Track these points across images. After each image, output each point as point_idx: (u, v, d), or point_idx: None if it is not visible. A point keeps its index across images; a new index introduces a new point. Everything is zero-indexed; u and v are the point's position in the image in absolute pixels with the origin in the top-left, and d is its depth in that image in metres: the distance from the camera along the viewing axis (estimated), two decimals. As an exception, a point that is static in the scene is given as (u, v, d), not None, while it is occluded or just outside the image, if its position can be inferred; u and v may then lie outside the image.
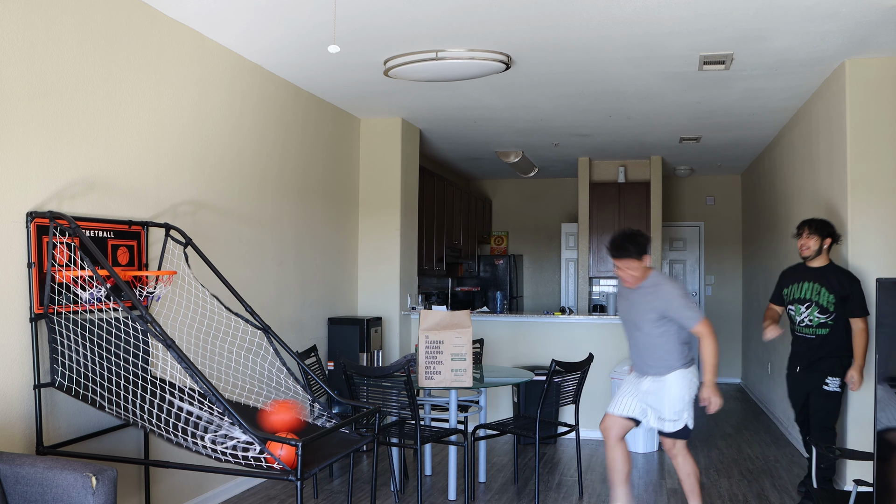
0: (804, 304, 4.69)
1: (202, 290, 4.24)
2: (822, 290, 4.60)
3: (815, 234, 4.66)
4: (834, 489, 4.72)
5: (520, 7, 4.03)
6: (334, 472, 5.38)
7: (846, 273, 4.64)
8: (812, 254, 4.68)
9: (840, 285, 4.56)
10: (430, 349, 4.61)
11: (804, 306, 4.68)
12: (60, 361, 3.30)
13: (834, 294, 4.56)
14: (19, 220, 3.26)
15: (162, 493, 4.16)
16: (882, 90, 4.88)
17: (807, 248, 4.68)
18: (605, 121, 6.92)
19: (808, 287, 4.67)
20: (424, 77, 5.15)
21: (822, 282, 4.62)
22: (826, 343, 4.60)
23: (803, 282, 4.71)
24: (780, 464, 5.78)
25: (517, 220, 11.14)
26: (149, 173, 4.07)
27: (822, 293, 4.60)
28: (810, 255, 4.68)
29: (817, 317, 4.63)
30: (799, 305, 4.72)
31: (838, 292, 4.56)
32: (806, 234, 4.69)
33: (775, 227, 7.48)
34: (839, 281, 4.58)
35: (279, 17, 4.24)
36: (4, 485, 2.71)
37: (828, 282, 4.60)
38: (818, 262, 4.70)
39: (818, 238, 4.66)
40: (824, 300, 4.58)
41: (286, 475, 2.91)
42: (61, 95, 3.47)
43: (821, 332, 4.62)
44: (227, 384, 4.55)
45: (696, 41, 4.57)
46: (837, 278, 4.59)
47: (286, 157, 5.57)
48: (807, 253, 4.69)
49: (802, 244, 4.71)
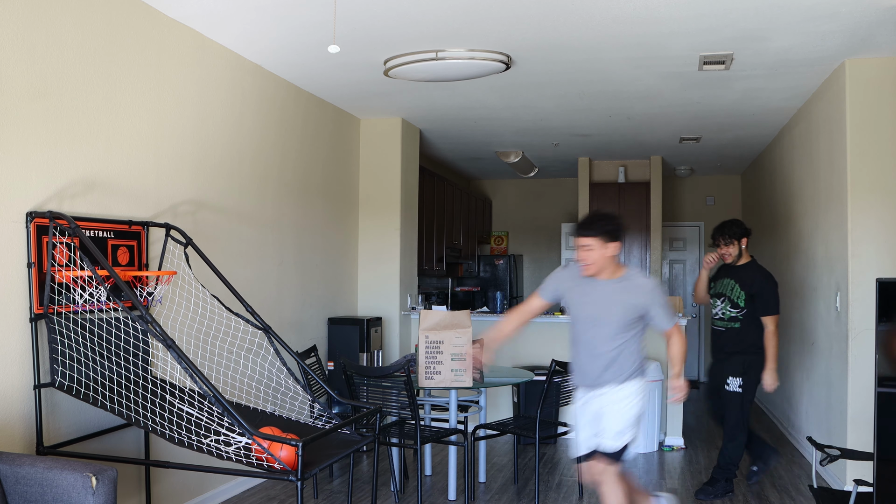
0: (720, 298, 4.90)
1: (202, 290, 4.24)
2: (735, 287, 4.81)
3: (732, 241, 4.86)
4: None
5: (520, 7, 4.03)
6: (334, 473, 5.38)
7: (762, 272, 4.82)
8: (735, 259, 4.89)
9: (752, 283, 4.75)
10: (430, 349, 4.61)
11: (720, 300, 4.90)
12: (60, 361, 3.30)
13: (745, 290, 4.75)
14: (19, 220, 3.26)
15: (162, 493, 4.15)
16: (882, 90, 4.88)
17: (729, 256, 4.88)
18: (605, 121, 6.92)
19: (726, 283, 4.89)
20: (424, 77, 5.15)
21: (737, 278, 4.83)
22: (736, 338, 4.77)
23: (724, 278, 4.94)
24: (780, 464, 5.78)
25: (517, 220, 11.14)
26: (149, 173, 4.07)
27: (734, 289, 4.81)
28: (734, 260, 4.89)
29: (729, 311, 4.83)
30: (716, 299, 4.94)
31: (748, 289, 4.74)
32: (724, 243, 4.88)
33: (775, 227, 7.48)
34: (752, 278, 4.77)
35: (279, 17, 4.24)
36: (4, 485, 2.71)
37: (741, 279, 4.80)
38: (741, 261, 4.91)
39: (735, 243, 4.86)
40: (735, 295, 4.79)
41: (286, 475, 2.92)
42: (61, 95, 3.47)
43: (732, 326, 4.81)
44: (227, 384, 4.55)
45: (696, 41, 4.57)
46: (751, 276, 4.78)
47: (286, 157, 5.57)
48: (730, 260, 4.90)
49: (723, 253, 4.89)
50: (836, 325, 5.15)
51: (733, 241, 4.86)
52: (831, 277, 5.29)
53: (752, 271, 4.82)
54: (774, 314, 4.73)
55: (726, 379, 4.77)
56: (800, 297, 6.31)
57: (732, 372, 4.75)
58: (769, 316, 4.71)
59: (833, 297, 5.23)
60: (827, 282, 5.41)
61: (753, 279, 4.77)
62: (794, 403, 6.49)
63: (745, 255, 4.90)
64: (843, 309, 5.00)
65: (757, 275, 4.79)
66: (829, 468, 5.07)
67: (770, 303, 4.73)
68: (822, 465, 4.43)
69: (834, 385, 5.20)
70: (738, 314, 4.77)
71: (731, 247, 4.86)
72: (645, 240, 9.12)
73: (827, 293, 5.41)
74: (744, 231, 4.88)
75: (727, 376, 4.77)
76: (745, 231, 4.88)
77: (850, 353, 4.87)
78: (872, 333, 4.70)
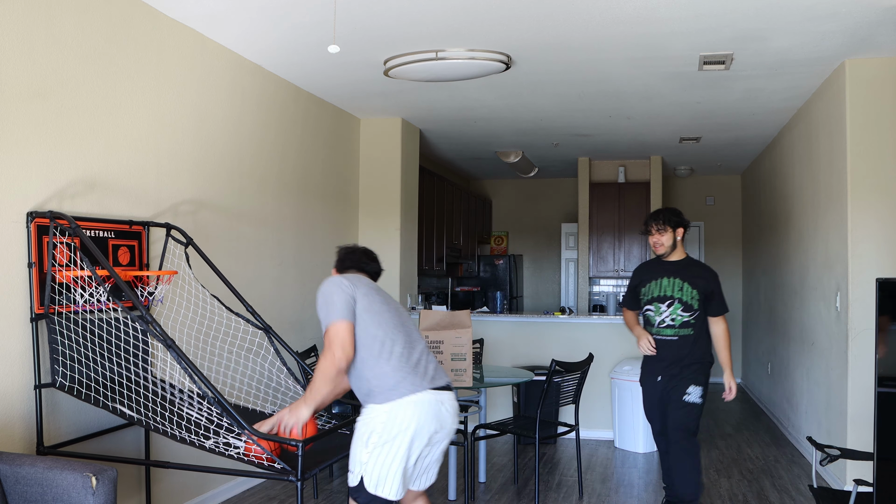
0: (665, 301, 4.26)
1: (202, 290, 4.24)
2: (686, 286, 4.22)
3: (667, 228, 4.26)
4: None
5: (520, 7, 4.03)
6: (334, 473, 5.38)
7: (707, 267, 4.35)
8: (667, 250, 4.30)
9: (704, 281, 4.23)
10: (430, 349, 4.61)
11: (665, 304, 4.26)
12: (61, 361, 3.30)
13: (698, 290, 4.21)
14: (19, 220, 3.26)
15: (162, 493, 4.16)
16: (882, 90, 4.88)
17: (661, 246, 4.29)
18: (605, 121, 6.92)
19: (668, 283, 4.26)
20: (424, 77, 5.15)
21: (683, 276, 4.24)
22: (693, 346, 4.24)
23: (662, 278, 4.29)
24: (780, 464, 5.78)
25: (517, 220, 11.14)
26: (149, 173, 4.07)
27: (685, 289, 4.22)
28: (666, 252, 4.30)
29: (681, 315, 4.22)
30: (659, 304, 4.28)
31: (702, 288, 4.22)
32: (655, 229, 4.28)
33: (775, 227, 7.48)
34: (703, 276, 4.25)
35: (279, 17, 4.24)
36: (4, 485, 2.71)
37: (690, 277, 4.24)
38: (675, 255, 4.33)
39: (671, 231, 4.27)
40: (688, 296, 4.21)
41: (286, 475, 2.91)
42: (61, 95, 3.47)
43: (684, 333, 4.23)
44: (227, 384, 4.55)
45: (696, 41, 4.57)
46: (701, 273, 4.27)
47: (286, 157, 5.57)
48: (662, 251, 4.30)
49: (655, 242, 4.30)
50: (836, 325, 5.15)
51: (667, 229, 4.25)
52: (831, 277, 5.29)
53: (699, 268, 4.30)
54: (726, 312, 4.33)
55: (685, 389, 4.18)
56: (800, 297, 6.31)
57: (694, 380, 4.19)
58: (723, 315, 4.28)
59: (833, 297, 5.23)
60: (827, 282, 5.42)
61: (706, 276, 4.24)
62: (794, 403, 6.49)
63: (679, 250, 4.33)
64: (843, 309, 5.00)
65: (707, 272, 4.28)
66: (829, 468, 5.07)
67: (723, 300, 4.30)
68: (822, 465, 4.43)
69: (834, 385, 5.20)
70: (691, 318, 4.21)
71: (663, 235, 4.25)
72: (645, 240, 9.12)
73: (827, 293, 5.42)
74: (681, 221, 4.30)
75: (687, 385, 4.18)
76: (682, 221, 4.30)
77: (850, 353, 4.87)
78: (872, 333, 4.70)
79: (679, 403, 4.18)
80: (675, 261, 4.32)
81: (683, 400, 4.17)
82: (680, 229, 4.29)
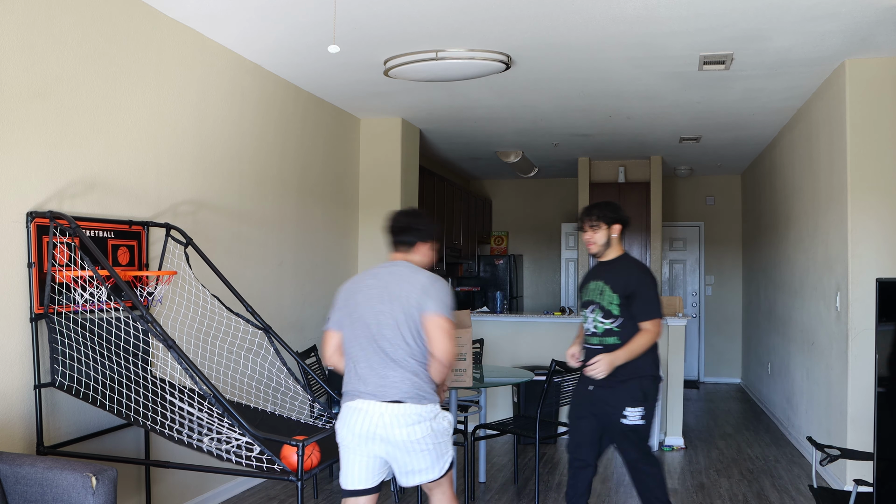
0: (589, 307, 3.83)
1: (202, 290, 4.24)
2: (606, 290, 3.75)
3: (600, 224, 3.79)
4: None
5: (520, 7, 4.03)
6: (334, 473, 5.38)
7: (637, 267, 3.81)
8: (601, 248, 3.82)
9: (626, 281, 3.71)
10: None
11: (589, 310, 3.82)
12: (61, 361, 3.30)
13: (617, 293, 3.70)
14: (19, 220, 3.26)
15: (162, 493, 4.15)
16: (882, 90, 4.88)
17: (592, 244, 3.81)
18: (605, 121, 6.92)
19: (594, 287, 3.82)
20: (424, 77, 5.15)
21: (606, 279, 3.77)
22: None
23: (591, 281, 3.87)
24: (780, 464, 5.78)
25: (517, 220, 11.14)
26: (149, 173, 4.07)
27: (605, 293, 3.75)
28: (599, 251, 3.83)
29: (601, 322, 3.74)
30: (585, 310, 3.88)
31: (622, 291, 3.70)
32: (588, 226, 3.81)
33: (775, 227, 7.48)
34: (626, 276, 3.73)
35: (279, 17, 4.24)
36: (4, 485, 2.71)
37: (612, 279, 3.75)
38: (610, 255, 3.84)
39: (604, 228, 3.79)
40: (606, 301, 3.73)
41: (286, 475, 2.92)
42: (61, 95, 3.47)
43: (609, 342, 3.71)
44: (227, 384, 4.55)
45: (696, 41, 4.57)
46: (624, 273, 3.75)
47: (286, 157, 5.57)
48: (594, 249, 3.83)
49: (587, 239, 3.83)
50: (836, 325, 5.15)
51: (600, 226, 3.78)
52: (831, 277, 5.29)
53: (626, 268, 3.77)
54: (658, 317, 3.69)
55: (621, 412, 3.65)
56: (800, 297, 6.31)
57: (630, 400, 3.65)
58: (650, 320, 3.67)
59: (833, 297, 5.23)
60: (827, 282, 5.42)
61: (628, 277, 3.72)
62: (794, 403, 6.49)
63: (615, 248, 3.83)
64: (843, 309, 5.00)
65: (632, 271, 3.75)
66: (829, 468, 5.07)
67: (651, 304, 3.69)
68: (822, 465, 4.44)
69: (834, 385, 5.20)
70: (614, 325, 3.69)
71: (596, 232, 3.78)
72: (645, 240, 9.12)
73: (827, 293, 5.42)
74: (617, 217, 3.81)
75: (622, 406, 3.65)
76: (619, 217, 3.82)
77: (850, 353, 4.87)
78: (872, 333, 4.70)
79: (618, 428, 3.68)
80: (607, 261, 3.84)
81: (622, 424, 3.66)
82: (616, 226, 3.80)
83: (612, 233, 3.79)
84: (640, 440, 3.71)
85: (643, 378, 3.68)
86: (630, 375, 3.66)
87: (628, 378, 3.66)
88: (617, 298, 3.69)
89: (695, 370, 10.20)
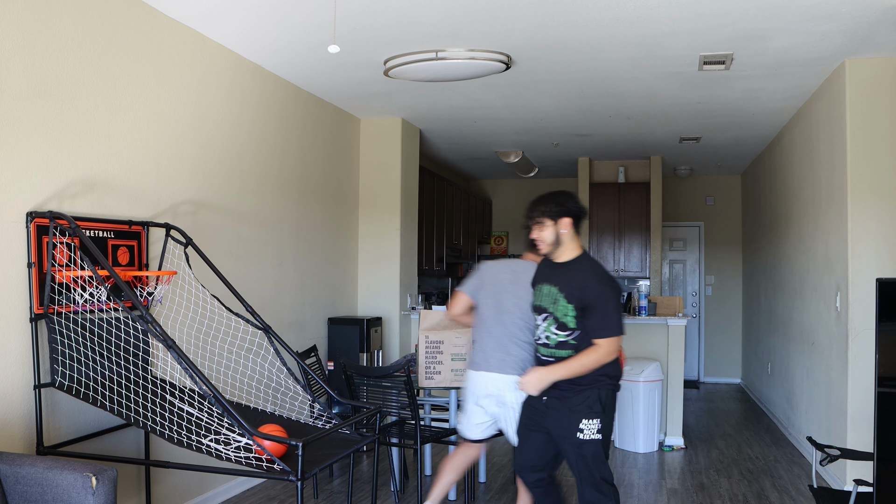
0: (542, 314, 3.35)
1: (202, 290, 4.24)
2: (560, 299, 3.26)
3: (545, 220, 3.29)
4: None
5: (520, 7, 4.03)
6: (334, 473, 5.38)
7: (595, 274, 3.25)
8: (551, 248, 3.32)
9: (580, 293, 3.20)
10: (430, 349, 4.61)
11: (542, 317, 3.35)
12: (60, 361, 3.30)
13: (572, 304, 3.21)
14: (19, 220, 3.26)
15: (162, 493, 4.16)
16: (882, 90, 4.88)
17: (542, 243, 3.33)
18: (605, 121, 6.92)
19: (547, 292, 3.34)
20: (424, 77, 5.15)
21: (562, 286, 3.27)
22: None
23: (544, 283, 3.38)
24: (780, 464, 5.78)
25: (517, 220, 11.13)
26: (149, 173, 4.07)
27: (559, 302, 3.26)
28: (550, 251, 3.34)
29: (555, 334, 3.28)
30: (537, 315, 3.40)
31: (577, 302, 3.20)
32: (532, 223, 3.34)
33: (775, 227, 7.48)
34: (581, 284, 3.21)
35: (279, 17, 4.24)
36: (4, 485, 2.71)
37: (568, 286, 3.24)
38: (564, 254, 3.33)
39: (550, 224, 3.29)
40: (561, 312, 3.25)
41: (286, 475, 2.91)
42: (61, 95, 3.47)
43: (562, 355, 3.26)
44: (227, 384, 4.55)
45: (696, 41, 4.57)
46: (580, 279, 3.23)
47: (286, 157, 5.57)
48: (545, 249, 3.34)
49: (536, 238, 3.35)
50: (836, 325, 5.15)
51: (545, 222, 3.28)
52: (831, 277, 5.29)
53: (580, 273, 3.25)
54: (615, 335, 3.16)
55: (576, 425, 3.21)
56: (800, 297, 6.31)
57: (586, 411, 3.21)
58: (606, 338, 3.17)
59: (833, 297, 5.23)
60: (827, 282, 5.42)
61: (583, 286, 3.19)
62: (794, 403, 6.49)
63: (569, 246, 3.30)
64: (843, 309, 5.00)
65: (589, 279, 3.21)
66: (829, 468, 5.07)
67: (607, 320, 3.17)
68: (822, 465, 4.44)
69: (834, 385, 5.20)
70: (570, 338, 3.23)
71: (543, 229, 3.29)
72: (645, 240, 9.12)
73: (827, 293, 5.42)
74: (563, 209, 3.27)
75: (578, 419, 3.21)
76: (566, 209, 3.28)
77: (850, 353, 4.87)
78: (872, 333, 4.70)
79: (573, 443, 3.23)
80: (563, 262, 3.33)
81: (577, 438, 3.22)
82: (564, 220, 3.27)
83: (559, 228, 3.27)
84: (597, 460, 3.24)
85: (600, 387, 3.24)
86: (585, 384, 3.23)
87: (584, 388, 3.22)
88: (572, 310, 3.21)
89: (695, 370, 10.20)
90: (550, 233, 3.28)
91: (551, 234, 3.28)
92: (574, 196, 3.38)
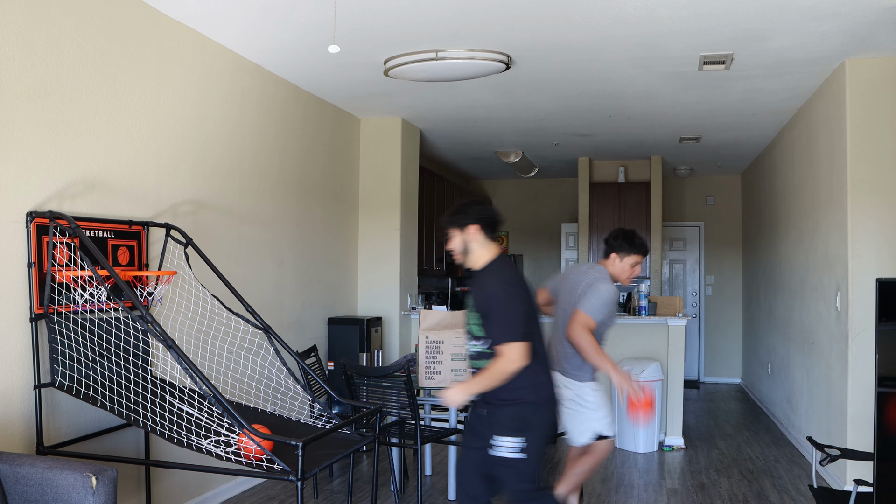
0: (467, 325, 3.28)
1: (202, 290, 4.24)
2: (471, 306, 3.20)
3: (453, 230, 3.19)
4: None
5: (520, 7, 4.03)
6: (334, 473, 5.38)
7: (494, 279, 3.11)
8: (462, 257, 3.22)
9: (481, 299, 3.10)
10: (430, 349, 4.61)
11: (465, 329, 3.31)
12: (60, 361, 3.30)
13: (478, 311, 3.12)
14: (19, 220, 3.26)
15: (162, 493, 4.16)
16: (882, 90, 4.88)
17: (455, 254, 3.23)
18: (605, 121, 6.92)
19: (469, 303, 3.24)
20: (424, 77, 5.15)
21: (471, 293, 3.20)
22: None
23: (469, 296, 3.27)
24: (780, 464, 5.78)
25: (517, 220, 11.14)
26: (149, 173, 4.07)
27: (470, 310, 3.20)
28: (464, 261, 3.23)
29: (472, 344, 3.20)
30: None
31: (480, 308, 3.11)
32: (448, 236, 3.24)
33: (775, 227, 7.48)
34: (481, 292, 3.11)
35: (279, 17, 4.24)
36: (4, 485, 2.71)
37: (473, 294, 3.17)
38: (477, 262, 3.20)
39: (458, 233, 3.18)
40: (471, 321, 3.18)
41: (286, 475, 2.92)
42: (61, 95, 3.47)
43: (482, 366, 3.11)
44: (227, 384, 4.55)
45: (696, 41, 4.57)
46: (480, 287, 3.13)
47: (286, 157, 5.57)
48: (458, 259, 3.23)
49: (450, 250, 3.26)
50: (836, 325, 5.15)
51: (453, 232, 3.19)
52: (831, 277, 5.29)
53: (483, 279, 3.14)
54: (510, 341, 2.97)
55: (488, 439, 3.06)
56: (800, 296, 6.31)
57: (499, 427, 3.04)
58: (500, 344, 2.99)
59: (833, 297, 5.23)
60: (827, 282, 5.42)
61: (482, 292, 3.09)
62: (794, 403, 6.49)
63: (480, 254, 3.18)
64: (843, 309, 5.00)
65: (487, 285, 3.09)
66: (829, 468, 5.07)
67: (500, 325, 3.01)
68: (822, 465, 4.43)
69: (834, 385, 5.20)
70: (484, 347, 3.10)
71: (452, 241, 3.21)
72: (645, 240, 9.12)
73: (827, 293, 5.42)
74: (469, 219, 3.15)
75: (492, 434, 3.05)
76: (470, 219, 3.15)
77: (850, 353, 4.87)
78: (872, 333, 4.70)
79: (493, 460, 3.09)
80: (475, 271, 3.21)
81: (491, 455, 3.06)
82: (471, 227, 3.14)
83: (467, 237, 3.15)
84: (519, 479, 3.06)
85: (520, 404, 3.06)
86: (507, 400, 3.07)
87: (508, 402, 3.07)
88: (477, 318, 3.11)
89: (695, 370, 10.20)
90: (458, 242, 3.18)
91: (459, 243, 3.18)
92: (482, 203, 3.25)
